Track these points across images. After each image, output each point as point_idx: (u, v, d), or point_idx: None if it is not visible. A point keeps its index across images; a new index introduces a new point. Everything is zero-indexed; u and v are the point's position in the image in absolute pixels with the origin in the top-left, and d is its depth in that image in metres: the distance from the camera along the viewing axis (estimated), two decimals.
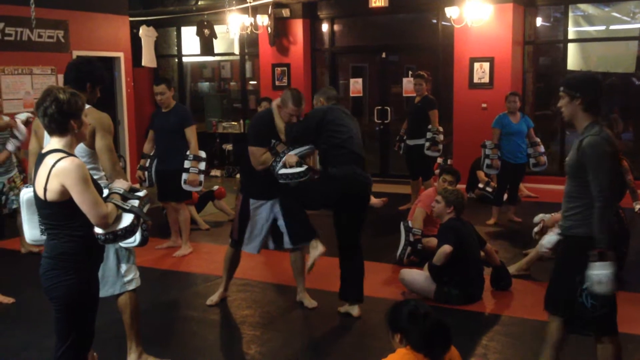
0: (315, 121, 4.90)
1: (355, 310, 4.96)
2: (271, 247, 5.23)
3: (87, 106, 3.13)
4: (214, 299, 5.36)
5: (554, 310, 3.58)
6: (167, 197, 6.87)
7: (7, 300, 5.48)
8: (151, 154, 6.81)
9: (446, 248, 5.12)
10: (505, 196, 8.20)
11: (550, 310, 3.61)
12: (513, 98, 7.82)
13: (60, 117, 2.92)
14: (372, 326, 4.71)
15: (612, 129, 4.37)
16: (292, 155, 4.76)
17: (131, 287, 3.96)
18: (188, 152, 6.53)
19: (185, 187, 6.58)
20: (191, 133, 6.57)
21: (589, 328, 3.51)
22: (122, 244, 3.23)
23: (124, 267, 3.92)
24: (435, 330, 2.84)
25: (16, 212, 6.40)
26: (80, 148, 3.59)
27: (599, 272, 3.25)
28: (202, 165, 6.63)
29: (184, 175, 6.52)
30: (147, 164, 6.81)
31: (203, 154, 6.68)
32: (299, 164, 4.74)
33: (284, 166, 4.73)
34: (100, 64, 3.93)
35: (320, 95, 5.29)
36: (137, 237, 3.14)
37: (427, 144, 8.33)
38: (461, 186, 7.84)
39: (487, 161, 7.84)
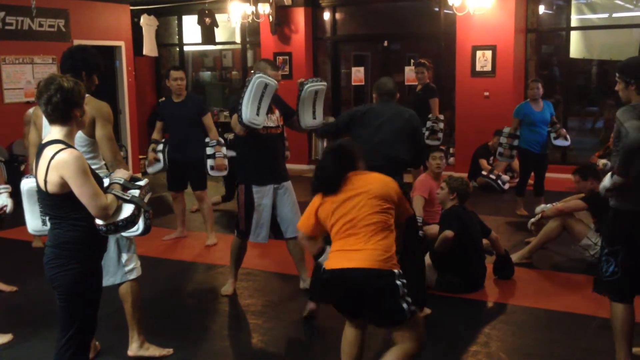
0: (344, 120, 4.81)
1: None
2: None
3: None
4: (228, 289, 5.33)
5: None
6: (186, 187, 6.86)
7: (10, 288, 5.49)
8: (162, 140, 6.73)
9: (447, 233, 5.12)
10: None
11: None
12: (535, 85, 7.40)
13: (64, 105, 2.92)
14: None
15: None
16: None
17: (132, 276, 3.97)
18: (208, 139, 6.54)
19: (212, 173, 6.59)
20: (209, 120, 6.60)
21: (599, 289, 3.72)
22: (125, 234, 3.22)
23: (124, 257, 3.93)
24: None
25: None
26: (80, 137, 3.59)
27: (605, 179, 3.64)
28: (224, 150, 6.65)
29: (210, 162, 6.52)
30: (160, 149, 6.66)
31: (222, 140, 6.71)
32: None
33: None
34: (95, 52, 3.88)
35: (374, 90, 4.99)
36: (139, 226, 3.13)
37: (427, 132, 8.31)
38: (463, 174, 7.84)
39: (500, 149, 7.65)
